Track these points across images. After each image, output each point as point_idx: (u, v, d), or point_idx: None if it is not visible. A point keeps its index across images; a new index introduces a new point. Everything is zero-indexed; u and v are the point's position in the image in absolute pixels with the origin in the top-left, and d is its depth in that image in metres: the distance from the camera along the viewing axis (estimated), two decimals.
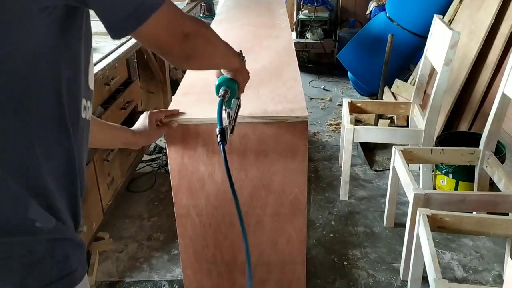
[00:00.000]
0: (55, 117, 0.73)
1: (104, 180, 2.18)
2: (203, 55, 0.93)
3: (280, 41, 2.07)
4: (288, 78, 1.60)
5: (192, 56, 0.88)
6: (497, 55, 2.67)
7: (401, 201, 2.47)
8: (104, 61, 2.10)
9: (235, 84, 1.15)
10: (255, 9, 2.87)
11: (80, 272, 0.79)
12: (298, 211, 1.43)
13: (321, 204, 2.53)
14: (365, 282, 1.96)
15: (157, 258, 2.13)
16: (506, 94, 1.83)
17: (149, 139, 1.30)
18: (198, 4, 3.82)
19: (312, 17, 4.85)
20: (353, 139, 2.44)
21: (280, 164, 1.36)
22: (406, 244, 1.89)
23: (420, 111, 2.54)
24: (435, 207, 1.76)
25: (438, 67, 2.21)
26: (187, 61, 0.90)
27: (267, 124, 1.31)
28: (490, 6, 2.77)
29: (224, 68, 1.15)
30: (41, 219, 0.72)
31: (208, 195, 1.41)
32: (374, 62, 3.60)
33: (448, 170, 2.36)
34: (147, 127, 1.27)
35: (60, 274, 0.75)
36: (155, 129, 1.29)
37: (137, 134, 1.27)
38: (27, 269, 0.72)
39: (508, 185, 1.84)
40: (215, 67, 1.14)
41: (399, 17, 3.65)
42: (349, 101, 2.71)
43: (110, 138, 1.24)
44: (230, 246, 1.49)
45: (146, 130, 1.27)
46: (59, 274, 0.75)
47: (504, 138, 2.47)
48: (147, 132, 1.27)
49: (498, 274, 1.99)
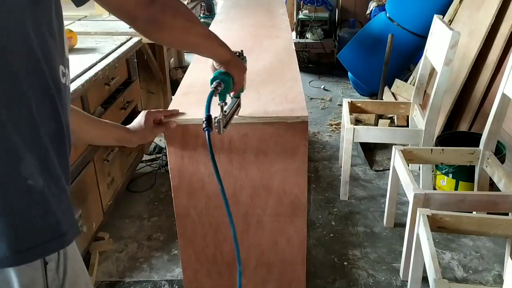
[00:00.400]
0: (38, 81, 0.76)
1: (104, 180, 2.18)
2: (173, 27, 0.93)
3: (280, 41, 2.07)
4: (288, 78, 1.60)
5: (161, 23, 0.89)
6: (497, 55, 2.68)
7: (401, 201, 2.47)
8: (104, 61, 2.10)
9: (229, 78, 1.15)
10: (255, 9, 2.87)
11: (70, 235, 0.81)
12: (298, 211, 1.43)
13: (321, 204, 2.53)
14: (365, 282, 1.96)
15: (157, 258, 2.13)
16: (506, 94, 1.83)
17: (144, 138, 1.30)
18: (198, 4, 3.82)
19: (312, 17, 4.85)
20: (353, 139, 2.45)
21: (280, 164, 1.36)
22: (406, 244, 1.89)
23: (420, 111, 2.54)
24: (435, 207, 1.76)
25: (438, 67, 2.21)
26: (156, 29, 0.90)
27: (267, 124, 1.32)
28: (490, 6, 2.77)
29: (210, 56, 1.15)
30: (33, 178, 0.75)
31: (208, 195, 1.41)
32: (374, 62, 3.60)
33: (448, 170, 2.36)
34: (143, 126, 1.27)
35: (52, 235, 0.78)
36: (151, 128, 1.29)
37: (132, 132, 1.28)
38: (21, 230, 0.74)
39: (508, 185, 1.84)
40: (192, 46, 1.10)
41: (399, 17, 3.65)
42: (349, 101, 2.71)
43: (104, 135, 1.24)
44: (230, 246, 1.49)
45: (142, 129, 1.27)
46: (52, 236, 0.78)
47: (504, 138, 2.47)
48: (143, 131, 1.27)
49: (498, 274, 1.99)
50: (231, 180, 1.38)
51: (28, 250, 0.76)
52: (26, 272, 0.77)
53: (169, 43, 1.00)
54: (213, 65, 1.19)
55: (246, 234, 1.47)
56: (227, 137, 1.32)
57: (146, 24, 0.88)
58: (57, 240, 0.79)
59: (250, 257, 1.52)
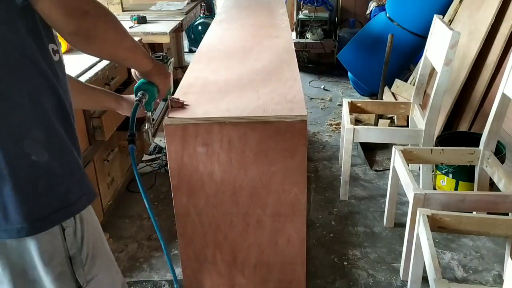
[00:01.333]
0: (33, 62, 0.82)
1: (104, 180, 2.18)
2: (104, 40, 0.91)
3: (280, 41, 2.07)
4: (288, 78, 1.60)
5: (92, 37, 0.87)
6: (497, 55, 2.67)
7: (401, 201, 2.47)
8: (104, 61, 2.10)
9: (153, 87, 1.16)
10: (255, 9, 2.87)
11: (81, 203, 0.92)
12: (298, 211, 1.43)
13: (321, 204, 2.52)
14: (365, 282, 1.96)
15: (157, 258, 2.13)
16: (506, 94, 1.83)
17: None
18: (198, 4, 3.82)
19: (312, 17, 4.85)
20: (353, 139, 2.44)
21: (279, 163, 1.36)
22: (406, 244, 1.89)
23: (420, 111, 2.54)
24: (435, 207, 1.76)
25: (438, 67, 2.21)
26: (86, 42, 0.88)
27: (266, 123, 1.32)
28: (490, 6, 2.77)
29: (134, 67, 1.14)
30: (37, 153, 0.83)
31: (208, 195, 1.41)
32: (374, 62, 3.60)
33: (448, 170, 2.36)
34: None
35: (61, 205, 0.88)
36: None
37: (121, 100, 1.31)
38: (32, 202, 0.82)
39: (508, 185, 1.84)
40: (119, 59, 1.08)
41: (399, 17, 3.65)
42: (349, 101, 2.71)
43: (93, 101, 1.30)
44: (230, 246, 1.50)
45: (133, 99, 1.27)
46: (61, 205, 0.88)
47: (504, 138, 2.47)
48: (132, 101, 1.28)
49: (498, 274, 1.98)
50: (230, 180, 1.39)
51: (41, 219, 0.85)
52: (45, 239, 0.87)
53: (97, 55, 0.99)
54: (135, 74, 1.19)
55: (246, 234, 1.47)
56: (226, 136, 1.33)
57: (75, 36, 0.86)
58: (67, 208, 0.89)
59: (250, 257, 1.52)
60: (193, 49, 5.44)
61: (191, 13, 3.48)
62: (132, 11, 3.23)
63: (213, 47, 1.99)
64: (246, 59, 1.80)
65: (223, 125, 1.31)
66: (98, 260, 1.01)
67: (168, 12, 3.32)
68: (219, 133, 1.32)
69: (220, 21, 2.59)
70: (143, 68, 1.12)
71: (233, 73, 1.66)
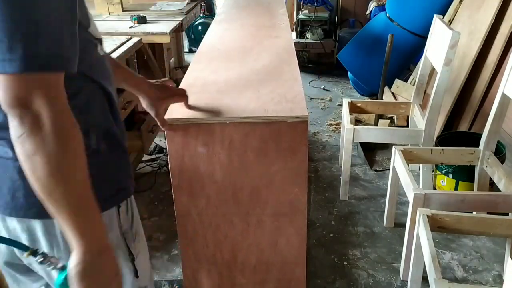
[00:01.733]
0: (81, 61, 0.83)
1: None
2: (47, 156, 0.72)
3: (280, 41, 2.07)
4: (288, 78, 1.60)
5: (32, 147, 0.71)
6: (497, 55, 2.68)
7: (401, 201, 2.47)
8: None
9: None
10: (255, 9, 2.87)
11: (131, 187, 1.05)
12: (299, 211, 1.43)
13: (321, 204, 2.53)
14: (365, 282, 1.96)
15: (157, 258, 2.13)
16: (506, 94, 1.83)
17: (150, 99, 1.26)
18: (198, 4, 3.82)
19: (312, 17, 4.85)
20: (353, 139, 2.45)
21: (280, 164, 1.36)
22: (406, 244, 1.89)
23: (420, 111, 2.54)
24: (435, 207, 1.76)
25: (438, 67, 2.21)
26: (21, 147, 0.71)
27: (267, 124, 1.31)
28: (490, 6, 2.77)
29: (66, 229, 0.78)
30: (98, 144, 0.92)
31: (208, 195, 1.41)
32: (374, 62, 3.60)
33: (448, 170, 2.36)
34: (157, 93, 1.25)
35: (117, 189, 1.00)
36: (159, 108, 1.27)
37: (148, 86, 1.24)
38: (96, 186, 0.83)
39: (508, 185, 1.84)
40: (52, 196, 0.76)
41: (399, 17, 3.65)
42: (349, 101, 2.72)
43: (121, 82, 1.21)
44: (230, 246, 1.50)
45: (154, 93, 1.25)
46: (117, 190, 1.00)
47: (504, 138, 2.47)
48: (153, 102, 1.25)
49: (498, 274, 1.99)
50: (231, 180, 1.39)
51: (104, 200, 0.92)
52: (105, 215, 0.95)
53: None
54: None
55: (246, 233, 1.47)
56: (227, 137, 1.33)
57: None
58: (122, 192, 1.02)
59: (250, 256, 1.52)
60: (193, 49, 5.45)
61: (191, 13, 3.48)
62: (132, 11, 3.23)
63: (213, 47, 1.99)
64: (246, 59, 1.80)
65: (224, 126, 1.31)
66: (140, 239, 1.15)
67: (168, 12, 3.32)
68: (220, 134, 1.32)
69: (220, 21, 2.59)
70: (79, 238, 0.79)
71: (233, 73, 1.66)
